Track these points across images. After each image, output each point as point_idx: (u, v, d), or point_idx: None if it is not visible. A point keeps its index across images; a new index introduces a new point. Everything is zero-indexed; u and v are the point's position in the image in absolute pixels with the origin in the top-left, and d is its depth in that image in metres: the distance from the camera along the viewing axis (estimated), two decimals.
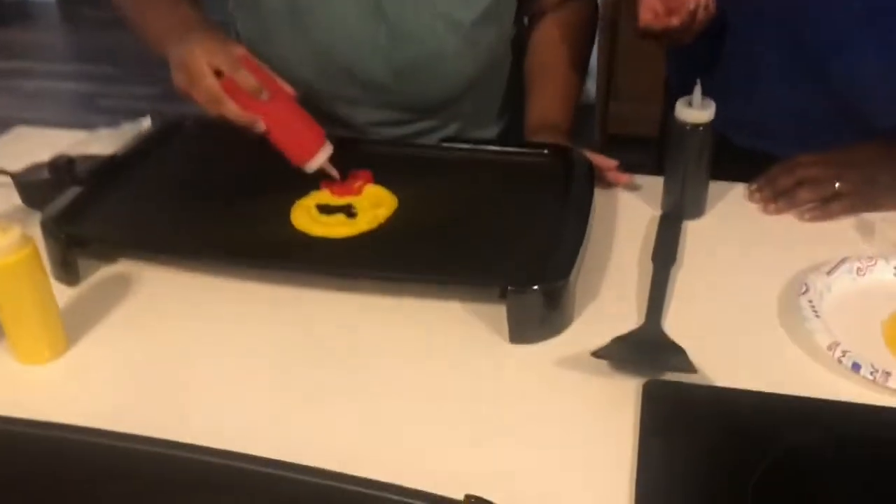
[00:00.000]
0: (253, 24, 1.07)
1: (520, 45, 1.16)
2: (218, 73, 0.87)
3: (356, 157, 0.94)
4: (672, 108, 0.90)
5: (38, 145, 1.07)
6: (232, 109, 0.87)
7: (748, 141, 1.06)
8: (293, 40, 1.04)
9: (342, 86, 1.07)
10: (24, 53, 3.92)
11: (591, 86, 2.76)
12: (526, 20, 1.17)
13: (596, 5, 1.17)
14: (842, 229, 0.93)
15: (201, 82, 0.87)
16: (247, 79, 0.87)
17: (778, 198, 0.95)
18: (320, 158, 0.91)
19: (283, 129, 0.90)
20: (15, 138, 1.19)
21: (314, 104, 1.07)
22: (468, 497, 0.56)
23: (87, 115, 3.30)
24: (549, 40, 1.13)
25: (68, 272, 0.86)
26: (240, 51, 0.90)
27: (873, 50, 0.94)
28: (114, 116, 1.19)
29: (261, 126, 0.88)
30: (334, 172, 0.92)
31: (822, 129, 1.00)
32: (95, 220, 0.89)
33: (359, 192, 0.91)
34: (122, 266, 0.89)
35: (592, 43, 1.18)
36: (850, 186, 0.93)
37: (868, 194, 0.93)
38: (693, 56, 1.08)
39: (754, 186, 0.98)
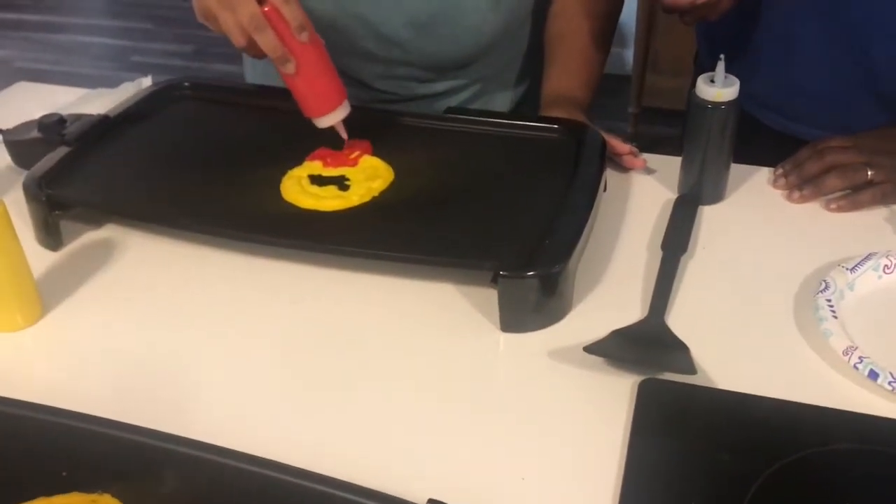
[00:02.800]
0: None
1: (540, 12, 1.10)
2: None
3: (354, 125, 0.89)
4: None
5: (37, 101, 1.05)
6: (270, 39, 0.80)
7: (779, 123, 0.99)
8: None
9: (357, 38, 1.02)
10: (59, 8, 3.91)
11: (629, 56, 2.67)
12: None
13: None
14: (870, 221, 0.86)
15: (242, 6, 0.78)
16: (294, 12, 0.80)
17: (804, 184, 0.88)
18: (337, 115, 0.86)
19: (311, 76, 0.84)
20: (14, 93, 1.17)
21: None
22: (431, 502, 0.52)
23: (119, 70, 3.29)
24: (571, 10, 1.07)
25: (50, 236, 0.83)
26: None
27: None
28: (145, 73, 1.16)
29: (292, 66, 0.82)
30: (345, 133, 0.87)
31: (858, 115, 0.93)
32: (80, 182, 0.85)
33: (355, 163, 0.86)
34: (107, 232, 0.86)
35: (618, 15, 1.11)
36: (883, 175, 0.86)
37: None
38: (724, 31, 1.01)
39: (779, 171, 0.91)
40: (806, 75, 0.97)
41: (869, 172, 0.86)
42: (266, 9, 0.79)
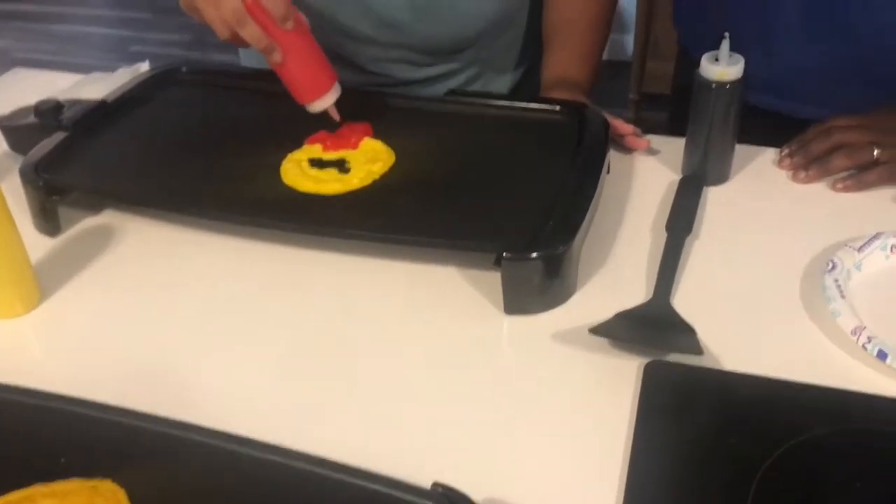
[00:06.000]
0: None
1: None
2: None
3: (355, 108, 0.88)
4: (683, 62, 0.82)
5: (34, 87, 1.04)
6: (254, 32, 0.79)
7: (763, 100, 0.97)
8: None
9: (355, 21, 1.01)
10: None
11: (629, 42, 2.65)
12: None
13: None
14: (878, 201, 0.85)
15: (224, 1, 0.78)
16: (276, 3, 0.79)
17: (810, 164, 0.87)
18: (328, 99, 0.85)
19: (298, 63, 0.83)
20: (11, 80, 1.15)
21: (321, 38, 1.01)
22: (435, 485, 0.51)
23: (118, 61, 3.27)
24: None
25: (48, 221, 0.82)
26: None
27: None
28: (144, 62, 1.14)
29: (278, 55, 0.82)
30: (337, 116, 0.86)
31: (845, 89, 0.91)
32: (77, 167, 0.85)
33: (355, 146, 0.85)
34: (106, 217, 0.85)
35: (616, 2, 1.09)
36: (890, 154, 0.84)
37: None
38: (702, 4, 1.00)
39: (785, 151, 0.90)
40: (788, 50, 0.95)
41: (876, 152, 0.84)
42: (248, 1, 0.78)
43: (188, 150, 0.88)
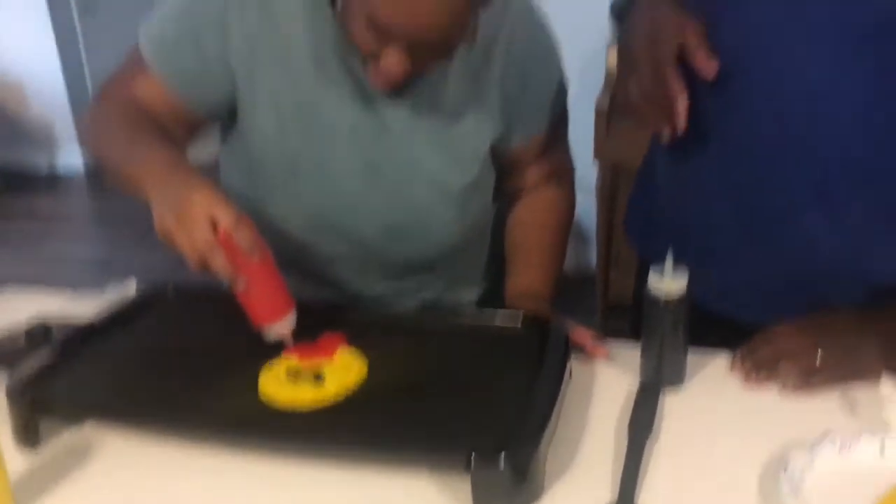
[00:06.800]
0: (246, 181, 1.09)
1: (501, 220, 1.19)
2: (212, 224, 0.85)
3: (329, 320, 0.94)
4: (641, 273, 0.90)
5: (24, 306, 1.08)
6: (222, 262, 0.85)
7: (714, 307, 1.04)
8: (286, 201, 1.07)
9: (330, 243, 1.09)
10: (48, 219, 4.05)
11: (592, 255, 2.79)
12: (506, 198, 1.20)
13: (572, 186, 1.21)
14: (826, 402, 0.90)
15: (196, 232, 0.84)
16: (245, 237, 0.85)
17: (759, 370, 0.93)
18: (284, 325, 0.90)
19: (259, 290, 0.89)
20: (1, 300, 1.21)
21: (297, 259, 1.09)
22: None
23: (100, 278, 3.37)
24: (526, 220, 1.17)
25: (29, 436, 0.85)
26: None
27: (823, 228, 0.92)
28: (132, 283, 1.20)
29: (242, 283, 0.87)
30: (290, 343, 0.91)
31: (785, 296, 0.99)
32: (63, 384, 0.88)
33: (330, 356, 0.90)
34: (87, 432, 0.87)
35: (570, 225, 1.20)
36: (832, 359, 0.90)
37: (850, 366, 0.90)
38: (649, 221, 1.09)
39: (736, 357, 0.96)
40: (728, 263, 1.02)
41: (818, 357, 0.90)
42: (219, 232, 0.85)
43: (170, 368, 0.93)
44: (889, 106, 0.85)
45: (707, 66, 0.87)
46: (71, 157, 4.47)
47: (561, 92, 1.13)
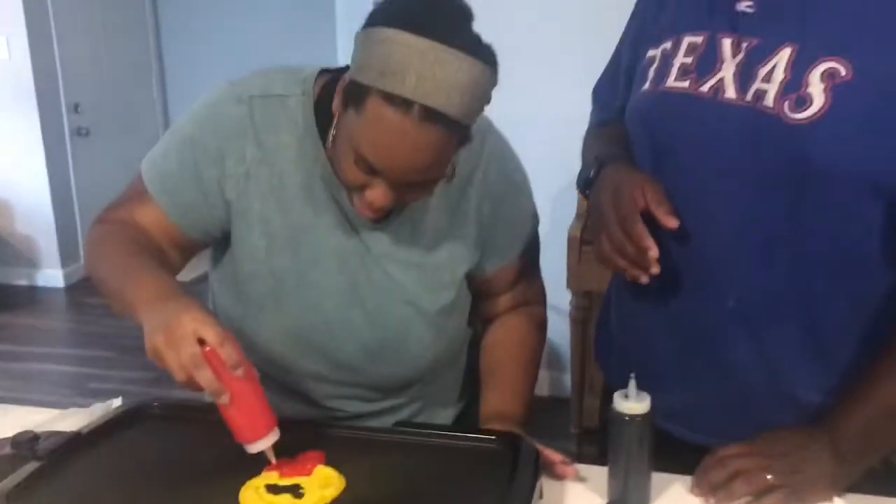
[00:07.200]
0: (233, 302, 1.14)
1: (476, 342, 1.25)
2: (199, 342, 0.89)
3: (309, 438, 0.97)
4: (610, 398, 0.95)
5: (9, 421, 1.11)
6: (207, 377, 0.88)
7: (676, 430, 1.09)
8: (271, 319, 1.12)
9: (312, 363, 1.14)
10: (25, 336, 4.05)
11: (567, 380, 2.84)
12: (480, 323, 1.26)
13: (544, 311, 1.27)
14: None
15: (184, 348, 0.87)
16: (230, 353, 0.89)
17: (715, 492, 0.96)
18: (266, 442, 0.93)
19: (243, 407, 0.92)
20: None
21: (279, 377, 1.13)
22: None
23: (77, 397, 3.34)
24: (499, 344, 1.22)
25: None
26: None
27: (748, 352, 1.00)
28: (102, 400, 1.23)
29: (226, 398, 0.90)
30: (272, 458, 0.94)
31: (727, 419, 1.04)
32: (47, 496, 0.90)
33: (309, 473, 0.93)
34: None
35: (542, 349, 1.26)
36: (781, 478, 0.94)
37: (797, 485, 0.94)
38: (610, 349, 1.16)
39: (693, 480, 1.00)
40: (678, 387, 1.08)
41: (769, 476, 0.95)
42: (206, 349, 0.89)
43: (152, 482, 0.95)
44: (795, 242, 0.96)
45: (667, 220, 0.98)
46: (52, 276, 4.51)
47: (532, 223, 1.21)
